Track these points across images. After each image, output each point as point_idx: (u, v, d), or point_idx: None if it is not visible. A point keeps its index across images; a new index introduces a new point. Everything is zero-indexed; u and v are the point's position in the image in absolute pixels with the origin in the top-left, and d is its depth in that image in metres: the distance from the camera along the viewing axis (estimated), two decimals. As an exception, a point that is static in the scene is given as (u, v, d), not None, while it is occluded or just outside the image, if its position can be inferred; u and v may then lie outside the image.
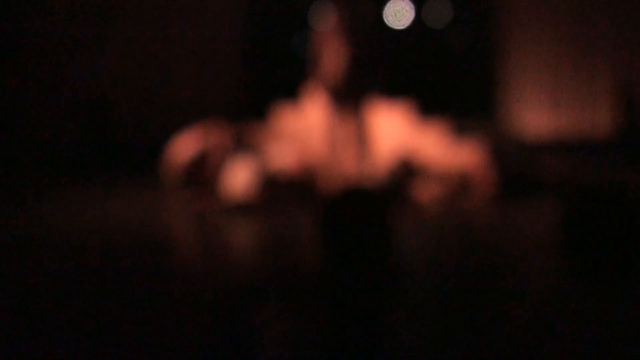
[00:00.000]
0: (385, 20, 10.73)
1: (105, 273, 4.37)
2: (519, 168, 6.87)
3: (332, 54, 6.86)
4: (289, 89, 10.12)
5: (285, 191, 6.37)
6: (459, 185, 6.74)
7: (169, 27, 10.89)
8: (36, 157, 9.88)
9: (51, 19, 10.32)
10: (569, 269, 1.88)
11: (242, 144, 7.12)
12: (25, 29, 10.28)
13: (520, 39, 10.81)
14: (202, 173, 6.98)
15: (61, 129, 10.30)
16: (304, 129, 9.05)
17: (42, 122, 10.18)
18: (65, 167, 9.56)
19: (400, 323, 1.85)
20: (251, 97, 11.15)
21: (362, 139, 6.88)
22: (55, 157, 9.80)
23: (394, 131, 9.22)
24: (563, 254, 1.88)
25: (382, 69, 7.17)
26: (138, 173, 8.66)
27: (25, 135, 10.04)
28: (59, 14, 10.29)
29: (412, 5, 10.99)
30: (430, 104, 10.81)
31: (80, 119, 9.98)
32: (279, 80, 10.61)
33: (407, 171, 7.11)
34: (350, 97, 6.81)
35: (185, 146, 7.04)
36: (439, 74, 11.35)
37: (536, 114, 10.78)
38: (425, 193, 6.67)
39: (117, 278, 4.20)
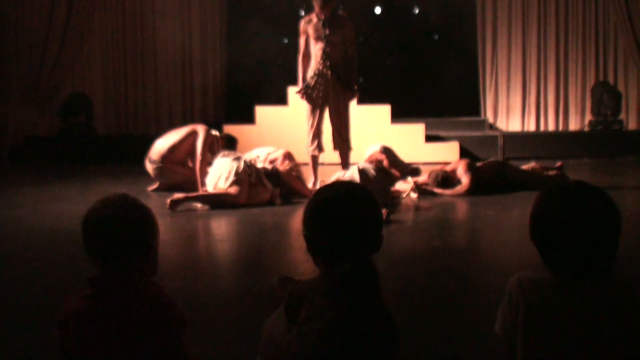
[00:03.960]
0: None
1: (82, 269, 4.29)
2: (494, 167, 6.95)
3: (314, 52, 6.89)
4: (273, 92, 10.14)
5: (268, 190, 6.38)
6: (440, 182, 6.81)
7: (155, 26, 10.86)
8: (14, 149, 9.81)
9: (32, 11, 10.26)
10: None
11: (227, 146, 7.10)
12: (5, 20, 10.19)
13: (495, 38, 10.91)
14: (187, 173, 6.98)
15: (43, 123, 10.26)
16: (288, 130, 9.08)
17: (21, 113, 10.12)
18: (45, 161, 9.49)
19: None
20: (236, 99, 11.12)
21: (345, 137, 6.90)
22: (35, 150, 9.73)
23: (377, 129, 9.26)
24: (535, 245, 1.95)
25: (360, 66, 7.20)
26: (119, 169, 8.63)
27: (3, 128, 9.97)
28: (39, 7, 10.23)
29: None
30: (413, 104, 10.87)
31: (61, 113, 9.91)
32: (262, 83, 10.57)
33: (390, 167, 7.17)
34: (333, 93, 6.83)
35: (170, 146, 7.02)
36: (423, 75, 11.38)
37: (511, 113, 10.90)
38: (406, 188, 6.72)
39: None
